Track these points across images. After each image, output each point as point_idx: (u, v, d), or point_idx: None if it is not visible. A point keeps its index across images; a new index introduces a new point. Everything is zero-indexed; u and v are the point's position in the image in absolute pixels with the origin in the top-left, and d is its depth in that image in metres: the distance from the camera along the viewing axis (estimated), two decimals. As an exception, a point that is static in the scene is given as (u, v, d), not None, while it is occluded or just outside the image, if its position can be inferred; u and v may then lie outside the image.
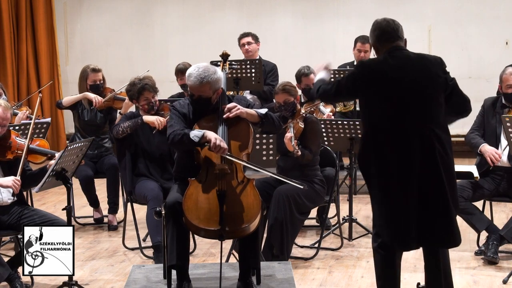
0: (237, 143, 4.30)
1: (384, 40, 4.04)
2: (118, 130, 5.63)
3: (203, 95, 4.36)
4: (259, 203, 4.21)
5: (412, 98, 3.93)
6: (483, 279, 5.07)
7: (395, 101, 3.93)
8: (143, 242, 5.93)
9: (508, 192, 5.52)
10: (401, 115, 3.93)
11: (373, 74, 3.98)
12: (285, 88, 5.54)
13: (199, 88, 4.34)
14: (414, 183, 3.89)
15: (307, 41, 10.12)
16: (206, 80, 4.31)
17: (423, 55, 4.05)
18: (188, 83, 4.38)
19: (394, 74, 3.95)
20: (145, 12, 10.44)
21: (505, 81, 5.46)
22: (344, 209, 6.58)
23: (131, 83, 5.79)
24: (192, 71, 4.35)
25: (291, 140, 5.22)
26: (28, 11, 10.14)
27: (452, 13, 9.73)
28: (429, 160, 3.89)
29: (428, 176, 3.90)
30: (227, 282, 4.49)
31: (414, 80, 3.94)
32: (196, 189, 4.22)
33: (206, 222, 4.15)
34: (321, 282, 5.10)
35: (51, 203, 7.62)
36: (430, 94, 3.94)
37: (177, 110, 4.48)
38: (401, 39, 4.06)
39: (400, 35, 4.05)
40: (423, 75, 3.95)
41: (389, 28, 4.04)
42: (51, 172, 4.50)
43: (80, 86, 6.72)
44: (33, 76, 10.19)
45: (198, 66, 4.37)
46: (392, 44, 4.02)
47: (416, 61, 3.99)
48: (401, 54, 4.01)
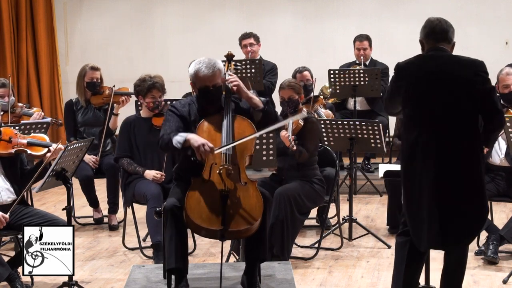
0: (241, 144, 4.28)
1: (431, 38, 4.02)
2: (123, 163, 5.78)
3: (216, 84, 4.35)
4: (261, 205, 4.19)
5: (433, 100, 3.91)
6: (483, 279, 5.07)
7: (417, 101, 3.94)
8: (143, 242, 5.93)
9: (508, 192, 5.53)
10: (420, 117, 3.92)
11: (402, 73, 4.00)
12: (291, 84, 5.56)
13: (213, 78, 4.32)
14: (431, 186, 3.89)
15: (307, 41, 10.12)
16: (217, 67, 4.33)
17: (458, 58, 3.99)
18: (200, 76, 4.31)
19: (420, 74, 3.95)
20: (145, 12, 10.44)
21: (502, 81, 5.48)
22: (344, 209, 6.58)
23: (141, 78, 5.83)
24: (200, 65, 4.33)
25: (288, 136, 5.23)
26: (28, 11, 10.14)
27: (452, 13, 9.70)
28: (444, 165, 3.88)
29: (445, 180, 3.89)
30: (227, 282, 4.48)
31: (438, 82, 3.91)
32: (199, 188, 4.21)
33: (208, 221, 4.13)
34: (321, 282, 5.10)
35: (51, 203, 7.62)
36: (453, 99, 3.89)
37: (174, 111, 4.43)
38: (447, 42, 4.01)
39: (448, 37, 4.01)
40: (450, 78, 3.90)
41: (438, 28, 4.01)
42: (51, 172, 4.51)
43: (78, 83, 6.74)
44: (33, 76, 10.18)
45: (199, 61, 4.37)
46: (436, 45, 4.00)
47: (447, 63, 3.95)
48: (436, 54, 3.98)
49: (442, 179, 3.89)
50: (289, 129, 5.31)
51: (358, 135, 5.96)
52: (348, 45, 8.52)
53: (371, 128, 5.92)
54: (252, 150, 4.37)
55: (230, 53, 4.70)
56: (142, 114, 5.92)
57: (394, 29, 9.89)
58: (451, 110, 3.89)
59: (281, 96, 5.57)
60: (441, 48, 4.00)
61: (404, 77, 4.00)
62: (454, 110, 3.89)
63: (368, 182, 7.71)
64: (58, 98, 10.26)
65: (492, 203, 5.74)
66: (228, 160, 4.21)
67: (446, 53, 3.99)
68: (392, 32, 9.87)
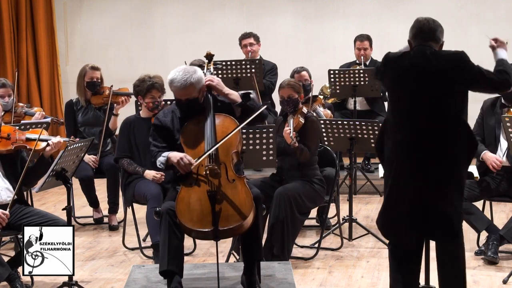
0: (225, 142, 4.30)
1: (418, 38, 4.04)
2: (123, 163, 5.78)
3: (190, 97, 4.39)
4: (251, 200, 4.19)
5: (416, 94, 3.94)
6: (483, 279, 5.07)
7: (399, 94, 3.99)
8: (143, 242, 5.93)
9: (508, 192, 5.53)
10: (404, 109, 3.96)
11: (386, 66, 4.07)
12: (290, 83, 5.58)
13: (184, 92, 4.38)
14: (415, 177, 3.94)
15: (307, 41, 10.11)
16: (189, 81, 4.35)
17: (439, 52, 4.01)
18: (173, 89, 4.42)
19: (402, 69, 3.99)
20: (145, 12, 10.44)
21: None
22: (344, 209, 6.58)
23: (140, 79, 5.83)
24: (173, 77, 4.38)
25: (290, 132, 5.24)
26: (28, 11, 10.13)
27: (452, 13, 9.72)
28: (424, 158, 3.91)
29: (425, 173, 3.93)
30: (227, 282, 4.49)
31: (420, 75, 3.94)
32: (188, 192, 4.23)
33: (199, 223, 4.14)
34: (321, 282, 5.10)
35: (51, 203, 7.62)
36: (436, 91, 3.91)
37: (158, 124, 4.53)
38: (435, 41, 4.04)
39: (435, 36, 4.03)
40: (431, 72, 3.92)
41: (425, 27, 4.04)
42: (51, 172, 4.51)
43: (78, 83, 6.75)
44: (33, 76, 10.18)
45: (177, 70, 4.40)
46: (423, 44, 4.02)
47: (429, 57, 3.96)
48: (420, 49, 4.00)
49: (422, 178, 3.92)
50: (290, 126, 5.32)
51: (358, 135, 5.96)
52: (348, 45, 8.52)
53: (371, 128, 5.92)
54: (237, 146, 4.40)
55: (208, 53, 4.77)
56: (142, 114, 5.93)
57: (394, 29, 9.87)
58: (433, 106, 3.92)
59: (281, 95, 5.58)
60: (426, 44, 4.01)
61: (389, 67, 4.07)
62: (436, 106, 3.92)
63: (368, 182, 7.71)
64: (58, 98, 10.26)
65: (492, 203, 5.76)
66: (212, 160, 4.24)
67: (431, 49, 4.00)
68: (392, 32, 9.86)
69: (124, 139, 5.82)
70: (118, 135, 5.99)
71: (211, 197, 4.16)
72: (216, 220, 4.12)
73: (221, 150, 4.30)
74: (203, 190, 4.20)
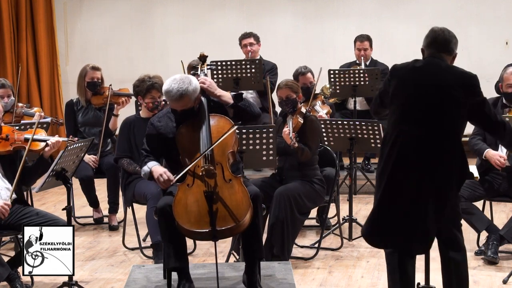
0: (221, 143, 4.30)
1: (432, 48, 4.02)
2: (123, 163, 5.78)
3: (185, 108, 4.40)
4: (248, 200, 4.19)
5: (417, 104, 3.92)
6: (483, 279, 5.07)
7: (401, 103, 3.95)
8: (143, 242, 5.93)
9: (508, 192, 5.52)
10: (403, 118, 3.94)
11: (395, 72, 4.03)
12: (288, 83, 5.58)
13: (180, 104, 4.38)
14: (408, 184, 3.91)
15: (307, 41, 10.12)
16: (185, 93, 4.32)
17: (452, 68, 3.98)
18: (168, 99, 4.41)
19: (408, 79, 3.97)
20: (145, 12, 10.44)
21: (506, 80, 5.45)
22: (344, 209, 6.58)
23: (140, 79, 5.83)
24: (168, 88, 4.33)
25: (289, 133, 5.24)
26: (28, 11, 10.13)
27: (452, 13, 9.73)
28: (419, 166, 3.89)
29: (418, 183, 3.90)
30: (227, 282, 4.49)
31: (423, 87, 3.92)
32: (185, 193, 4.23)
33: (197, 224, 4.14)
34: (321, 282, 5.10)
35: (51, 203, 7.62)
36: (437, 104, 3.89)
37: (151, 129, 4.54)
38: (448, 53, 4.01)
39: (449, 48, 4.01)
40: (434, 84, 3.91)
41: (440, 38, 4.01)
42: (51, 172, 4.51)
43: (78, 83, 6.75)
44: (33, 76, 10.18)
45: (173, 81, 4.34)
46: (436, 54, 4.01)
47: (439, 71, 3.94)
48: (432, 61, 3.98)
49: (419, 182, 3.90)
50: (289, 127, 5.32)
51: (358, 135, 5.96)
52: (348, 45, 8.52)
53: (371, 128, 5.92)
54: (233, 146, 4.40)
55: (202, 54, 4.77)
56: (142, 114, 5.93)
57: (394, 29, 9.89)
58: (433, 115, 3.89)
59: (279, 96, 5.58)
60: (438, 56, 4.00)
61: (395, 76, 4.03)
62: (436, 115, 3.89)
63: (368, 182, 7.71)
64: (58, 98, 10.26)
65: (492, 203, 5.76)
66: (208, 161, 4.24)
67: (442, 62, 3.99)
68: (392, 32, 9.87)
69: (124, 139, 5.83)
70: (118, 135, 5.99)
71: (208, 197, 4.16)
72: (213, 220, 4.12)
73: (217, 150, 4.31)
74: (200, 191, 4.20)
